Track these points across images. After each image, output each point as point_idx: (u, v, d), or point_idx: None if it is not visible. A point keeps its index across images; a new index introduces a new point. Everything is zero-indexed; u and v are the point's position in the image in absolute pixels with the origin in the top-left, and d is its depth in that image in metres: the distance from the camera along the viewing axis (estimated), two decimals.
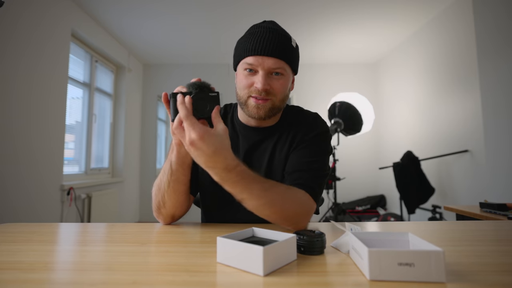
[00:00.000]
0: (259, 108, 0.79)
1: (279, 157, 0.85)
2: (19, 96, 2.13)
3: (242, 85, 0.79)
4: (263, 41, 0.76)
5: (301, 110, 0.93)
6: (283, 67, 0.77)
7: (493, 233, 0.68)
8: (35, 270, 0.45)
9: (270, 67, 0.76)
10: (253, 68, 0.77)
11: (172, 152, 0.72)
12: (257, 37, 0.77)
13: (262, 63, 0.76)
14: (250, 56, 0.77)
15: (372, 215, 3.93)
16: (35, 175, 2.28)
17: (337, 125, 3.23)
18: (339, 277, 0.42)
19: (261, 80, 0.76)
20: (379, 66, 4.33)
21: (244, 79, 0.79)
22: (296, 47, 0.82)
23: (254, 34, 0.78)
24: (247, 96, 0.80)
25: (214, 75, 4.42)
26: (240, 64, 0.80)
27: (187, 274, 0.43)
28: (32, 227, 0.75)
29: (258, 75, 0.77)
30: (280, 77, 0.78)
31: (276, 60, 0.76)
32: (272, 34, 0.77)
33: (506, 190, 1.94)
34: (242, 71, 0.79)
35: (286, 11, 2.98)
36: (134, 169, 4.19)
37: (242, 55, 0.79)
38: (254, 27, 0.82)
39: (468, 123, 2.52)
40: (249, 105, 0.80)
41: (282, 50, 0.76)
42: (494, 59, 2.05)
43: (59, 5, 2.56)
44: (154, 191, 0.77)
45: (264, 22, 0.83)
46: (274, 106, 0.80)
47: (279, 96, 0.79)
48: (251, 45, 0.76)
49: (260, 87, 0.76)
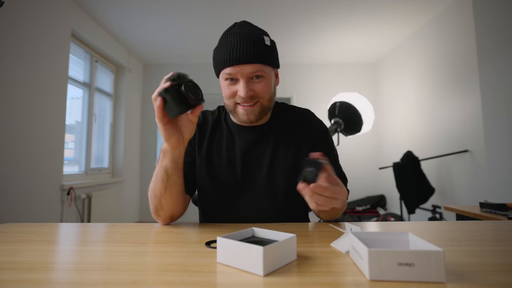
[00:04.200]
0: (248, 114, 0.81)
1: (283, 155, 0.86)
2: (19, 96, 2.13)
3: (227, 95, 0.82)
4: (236, 51, 0.76)
5: (292, 107, 0.96)
6: (262, 69, 0.78)
7: (493, 233, 0.68)
8: (35, 270, 0.45)
9: (249, 72, 0.77)
10: (233, 78, 0.79)
11: (165, 158, 0.72)
12: (230, 47, 0.77)
13: (240, 71, 0.77)
14: (228, 67, 0.78)
15: (372, 215, 3.93)
16: (35, 175, 2.28)
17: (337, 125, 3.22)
18: (339, 277, 0.42)
19: (243, 89, 0.77)
20: (379, 66, 4.33)
21: (227, 88, 0.81)
22: (272, 43, 0.82)
23: (226, 44, 0.78)
24: (234, 104, 0.82)
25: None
26: (221, 75, 0.82)
27: (187, 274, 0.43)
28: (32, 227, 0.75)
29: (239, 84, 0.79)
30: (261, 79, 0.80)
31: (253, 65, 0.77)
32: (244, 41, 0.77)
33: (506, 190, 1.94)
34: (224, 81, 0.81)
35: (286, 11, 2.98)
36: (134, 169, 4.19)
37: (219, 67, 0.81)
38: (225, 35, 0.82)
39: (468, 123, 2.52)
40: (239, 112, 0.82)
41: (256, 55, 0.77)
42: (494, 59, 2.05)
43: (59, 5, 2.56)
44: (150, 196, 0.77)
45: (234, 26, 0.82)
46: (263, 108, 0.82)
47: (265, 97, 0.81)
48: (226, 56, 0.77)
49: (243, 95, 0.77)
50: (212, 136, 0.90)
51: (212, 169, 0.87)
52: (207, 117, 0.94)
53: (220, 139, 0.90)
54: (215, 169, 0.87)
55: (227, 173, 0.86)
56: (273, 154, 0.86)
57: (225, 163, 0.87)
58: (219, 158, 0.87)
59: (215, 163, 0.87)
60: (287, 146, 0.87)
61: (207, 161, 0.88)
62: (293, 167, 0.85)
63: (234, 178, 0.86)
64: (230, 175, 0.86)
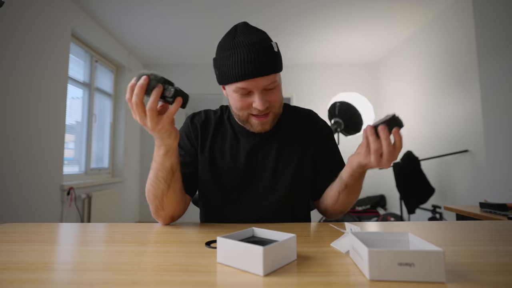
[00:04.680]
0: (264, 124, 0.80)
1: (288, 158, 0.86)
2: (19, 96, 2.13)
3: (240, 107, 0.78)
4: (249, 64, 0.72)
5: (295, 108, 0.96)
6: (274, 79, 0.76)
7: (493, 233, 0.68)
8: (35, 270, 0.45)
9: (264, 85, 0.74)
10: (247, 90, 0.75)
11: (170, 157, 0.69)
12: (241, 60, 0.72)
13: (255, 85, 0.74)
14: (241, 81, 0.73)
15: (372, 215, 3.92)
16: (35, 175, 2.28)
17: (337, 125, 3.22)
18: (339, 277, 0.42)
19: (260, 102, 0.74)
20: (379, 66, 4.33)
21: (240, 101, 0.77)
22: (277, 48, 0.79)
23: (234, 56, 0.73)
24: (247, 115, 0.80)
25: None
26: (231, 87, 0.77)
27: (187, 274, 0.43)
28: (32, 227, 0.75)
29: (254, 96, 0.75)
30: (274, 89, 0.78)
31: (267, 77, 0.74)
32: (255, 53, 0.72)
33: (506, 190, 1.94)
34: (235, 93, 0.76)
35: (286, 11, 2.98)
36: (134, 169, 4.19)
37: (230, 80, 0.75)
38: (230, 45, 0.75)
39: (468, 123, 2.52)
40: (253, 123, 0.80)
41: (269, 66, 0.74)
42: (494, 59, 2.05)
43: (59, 5, 2.56)
44: (149, 198, 0.75)
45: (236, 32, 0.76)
46: (275, 116, 0.82)
47: (277, 105, 0.81)
48: (237, 70, 0.72)
49: (260, 107, 0.75)
50: (215, 136, 0.89)
51: (215, 169, 0.86)
52: (210, 116, 0.92)
53: (223, 139, 0.89)
54: (218, 169, 0.86)
55: (230, 173, 0.85)
56: (277, 154, 0.86)
57: (229, 163, 0.86)
58: (222, 158, 0.87)
59: (218, 163, 0.86)
60: (292, 147, 0.87)
61: (210, 161, 0.87)
62: (297, 168, 0.85)
63: (237, 178, 0.85)
64: (233, 175, 0.85)
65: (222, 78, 0.78)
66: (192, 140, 0.89)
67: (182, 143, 0.89)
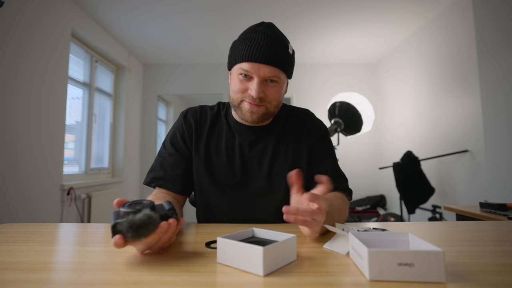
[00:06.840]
0: (253, 113, 0.79)
1: (284, 156, 0.86)
2: (19, 96, 2.13)
3: (236, 89, 0.79)
4: (259, 48, 0.74)
5: (292, 107, 0.95)
6: (278, 75, 0.76)
7: (493, 233, 0.68)
8: (35, 270, 0.45)
9: (266, 75, 0.75)
10: (248, 74, 0.76)
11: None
12: (254, 43, 0.75)
13: (257, 71, 0.75)
14: (246, 62, 0.75)
15: (372, 215, 3.93)
16: (35, 175, 2.28)
17: (337, 125, 3.22)
18: (339, 277, 0.42)
19: (256, 88, 0.75)
20: (379, 66, 4.33)
21: (239, 83, 0.78)
22: (293, 53, 0.81)
23: (250, 39, 0.76)
24: (241, 100, 0.80)
25: (215, 75, 4.43)
26: (235, 68, 0.79)
27: (187, 274, 0.43)
28: (32, 227, 0.75)
29: (253, 82, 0.76)
30: (275, 85, 0.78)
31: (272, 68, 0.75)
32: (269, 41, 0.75)
33: (506, 190, 1.94)
34: (237, 75, 0.78)
35: (286, 11, 2.98)
36: (134, 169, 4.19)
37: (237, 60, 0.77)
38: (251, 30, 0.79)
39: (468, 123, 2.52)
40: (243, 108, 0.80)
41: (278, 58, 0.75)
42: (494, 59, 2.06)
43: (59, 5, 2.56)
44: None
45: (261, 24, 0.80)
46: (267, 112, 0.81)
47: (273, 103, 0.80)
48: (247, 51, 0.75)
49: (254, 95, 0.76)
50: (211, 133, 0.88)
51: (210, 168, 0.85)
52: (206, 112, 0.91)
53: (219, 137, 0.88)
54: (213, 167, 0.85)
55: (226, 172, 0.85)
56: (273, 154, 0.86)
57: (224, 162, 0.85)
58: (218, 156, 0.86)
59: (213, 161, 0.86)
60: (288, 146, 0.87)
61: (205, 160, 0.86)
62: (293, 167, 0.85)
63: (233, 177, 0.85)
64: (229, 174, 0.85)
65: (231, 59, 0.81)
66: (185, 138, 0.88)
67: (174, 141, 0.89)
